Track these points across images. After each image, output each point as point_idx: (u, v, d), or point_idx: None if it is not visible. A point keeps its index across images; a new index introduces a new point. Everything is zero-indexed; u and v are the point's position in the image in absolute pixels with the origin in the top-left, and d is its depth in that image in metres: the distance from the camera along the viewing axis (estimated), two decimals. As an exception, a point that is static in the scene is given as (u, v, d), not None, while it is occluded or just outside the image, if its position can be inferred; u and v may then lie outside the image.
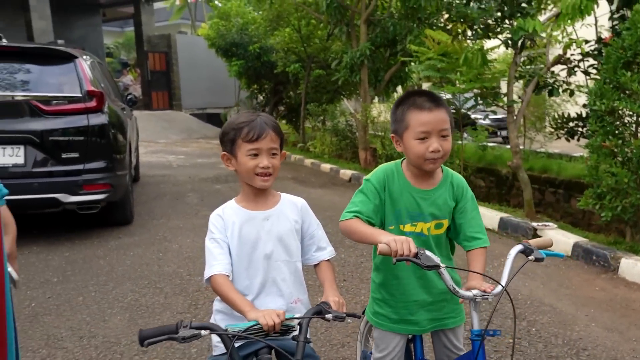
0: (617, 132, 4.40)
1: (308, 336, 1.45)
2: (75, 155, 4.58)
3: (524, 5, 5.26)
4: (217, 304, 1.68)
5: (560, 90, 6.07)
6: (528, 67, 6.22)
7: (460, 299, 1.60)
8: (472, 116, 13.54)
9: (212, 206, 1.75)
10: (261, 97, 16.82)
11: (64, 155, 4.57)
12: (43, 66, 4.86)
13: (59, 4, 17.67)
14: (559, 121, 6.49)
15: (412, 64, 6.69)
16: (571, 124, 6.20)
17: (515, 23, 5.05)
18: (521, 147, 10.18)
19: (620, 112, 4.42)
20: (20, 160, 4.44)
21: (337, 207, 5.98)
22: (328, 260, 1.74)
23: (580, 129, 6.06)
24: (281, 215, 1.68)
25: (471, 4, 5.74)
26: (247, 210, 1.66)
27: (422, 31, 6.95)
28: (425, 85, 10.20)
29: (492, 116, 15.37)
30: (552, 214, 6.95)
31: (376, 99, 10.82)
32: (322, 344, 2.90)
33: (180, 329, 1.32)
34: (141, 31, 20.31)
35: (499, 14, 5.37)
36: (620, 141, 4.33)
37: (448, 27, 7.29)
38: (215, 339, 1.59)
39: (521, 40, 5.22)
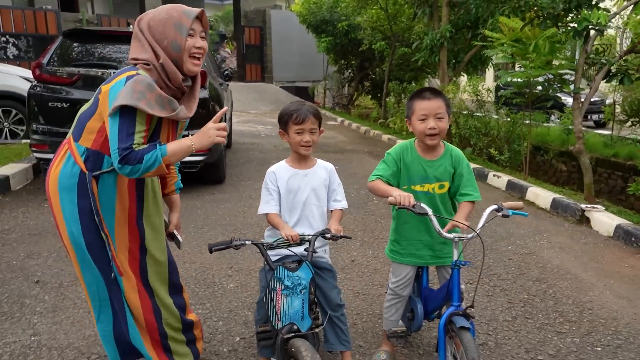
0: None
1: (315, 248, 2.16)
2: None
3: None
4: (267, 232, 2.47)
5: (633, 78, 6.15)
6: (601, 55, 6.32)
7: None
8: (563, 99, 13.31)
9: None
10: (348, 73, 17.42)
11: (173, 122, 5.56)
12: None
13: (168, -19, 19.21)
14: (634, 108, 6.57)
15: (487, 49, 6.97)
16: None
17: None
18: (609, 132, 10.07)
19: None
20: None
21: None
22: (341, 210, 2.40)
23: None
24: (315, 174, 2.39)
25: (543, -7, 5.96)
26: (293, 169, 2.38)
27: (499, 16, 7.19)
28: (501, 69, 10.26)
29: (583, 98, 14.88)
30: (617, 198, 7.06)
31: (464, 77, 10.99)
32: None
33: (234, 241, 2.09)
34: (239, 6, 21.51)
35: (566, 4, 5.57)
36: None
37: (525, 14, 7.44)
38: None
39: (587, 31, 5.42)
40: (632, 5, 6.03)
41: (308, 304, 2.07)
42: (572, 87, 6.07)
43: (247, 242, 2.10)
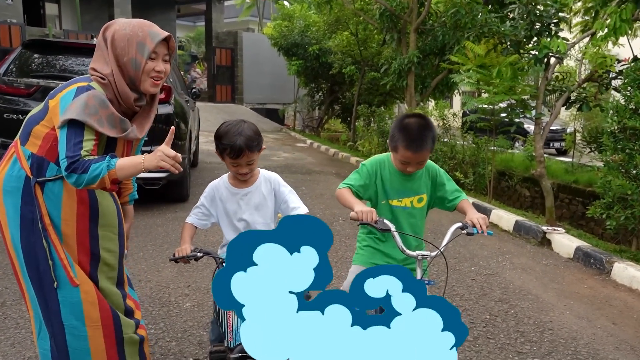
0: (627, 148, 4.73)
1: None
2: (145, 138, 5.43)
3: (552, 26, 5.62)
4: (220, 249, 2.37)
5: (591, 105, 6.36)
6: (561, 82, 6.52)
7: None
8: (525, 126, 13.69)
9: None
10: (318, 96, 17.55)
11: (135, 138, 5.44)
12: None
13: (139, 0, 19.14)
14: (593, 136, 6.78)
15: (452, 74, 7.12)
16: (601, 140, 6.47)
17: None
18: (570, 160, 10.36)
19: (630, 130, 4.74)
20: (100, 139, 5.34)
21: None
22: None
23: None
24: (257, 191, 2.25)
25: (506, 22, 6.14)
26: (233, 188, 2.25)
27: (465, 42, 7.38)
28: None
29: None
30: (578, 223, 7.22)
31: (432, 103, 11.18)
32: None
33: (193, 252, 2.06)
34: (211, 27, 21.58)
35: (528, 32, 5.75)
36: (627, 157, 4.67)
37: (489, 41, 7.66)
38: None
39: (547, 58, 5.59)
40: (589, 37, 6.28)
41: None
42: (533, 112, 6.22)
43: (199, 254, 2.03)
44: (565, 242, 4.94)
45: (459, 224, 2.11)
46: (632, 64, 4.96)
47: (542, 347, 3.08)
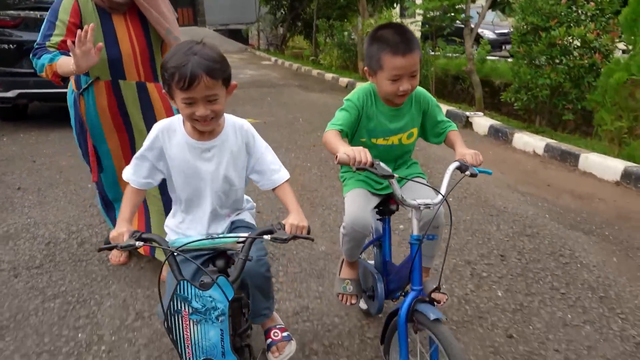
0: (528, 41, 5.73)
1: (250, 254, 1.46)
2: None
3: None
4: (169, 221, 1.79)
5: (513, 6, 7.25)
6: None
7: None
8: (479, 30, 14.48)
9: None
10: (279, 13, 17.86)
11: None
12: None
13: None
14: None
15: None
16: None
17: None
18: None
19: (531, 25, 5.70)
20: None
21: (328, 105, 7.55)
22: (286, 182, 1.73)
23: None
24: (224, 147, 1.66)
25: None
26: (191, 139, 1.63)
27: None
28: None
29: (498, 30, 16.12)
30: (502, 109, 8.33)
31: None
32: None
33: (128, 242, 1.42)
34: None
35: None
36: (528, 48, 5.69)
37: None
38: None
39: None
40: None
41: (230, 334, 1.43)
42: (463, 16, 7.11)
43: (137, 242, 1.43)
44: (482, 122, 6.07)
45: (456, 164, 1.81)
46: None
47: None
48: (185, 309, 1.38)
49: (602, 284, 2.74)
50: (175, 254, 1.41)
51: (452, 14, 7.22)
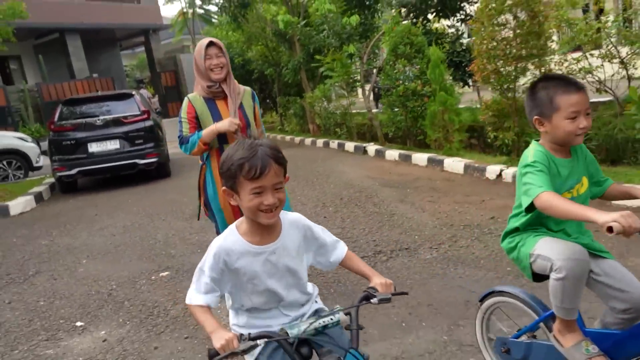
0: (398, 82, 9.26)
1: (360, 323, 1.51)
2: (141, 140, 9.68)
3: (350, 37, 10.16)
4: (234, 318, 1.74)
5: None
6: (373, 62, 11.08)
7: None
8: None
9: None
10: (252, 95, 21.59)
11: (136, 141, 9.66)
12: (119, 100, 9.97)
13: (87, 45, 22.77)
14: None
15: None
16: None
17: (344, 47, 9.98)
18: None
19: (386, 85, 9.26)
20: (117, 145, 9.52)
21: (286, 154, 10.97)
22: (347, 251, 1.77)
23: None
24: (286, 246, 1.65)
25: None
26: (252, 245, 1.61)
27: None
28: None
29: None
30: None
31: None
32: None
33: (241, 342, 1.40)
34: (152, 56, 25.40)
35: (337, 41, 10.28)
36: (389, 99, 9.22)
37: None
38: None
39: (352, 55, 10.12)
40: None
41: None
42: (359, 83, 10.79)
43: (259, 341, 1.43)
44: (370, 148, 9.52)
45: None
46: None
47: (330, 179, 7.53)
48: None
49: (386, 208, 6.00)
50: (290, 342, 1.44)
51: (353, 84, 10.88)
